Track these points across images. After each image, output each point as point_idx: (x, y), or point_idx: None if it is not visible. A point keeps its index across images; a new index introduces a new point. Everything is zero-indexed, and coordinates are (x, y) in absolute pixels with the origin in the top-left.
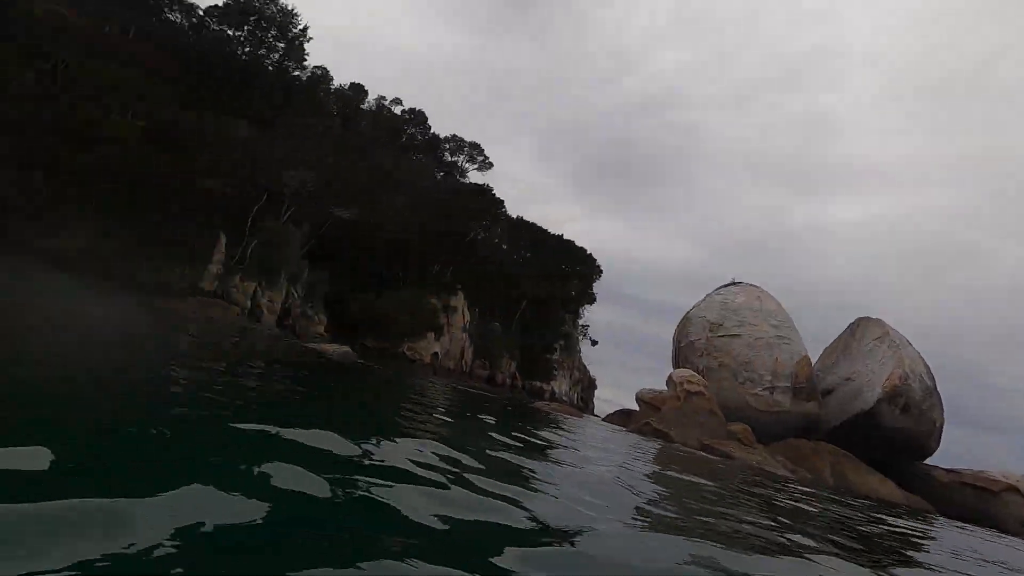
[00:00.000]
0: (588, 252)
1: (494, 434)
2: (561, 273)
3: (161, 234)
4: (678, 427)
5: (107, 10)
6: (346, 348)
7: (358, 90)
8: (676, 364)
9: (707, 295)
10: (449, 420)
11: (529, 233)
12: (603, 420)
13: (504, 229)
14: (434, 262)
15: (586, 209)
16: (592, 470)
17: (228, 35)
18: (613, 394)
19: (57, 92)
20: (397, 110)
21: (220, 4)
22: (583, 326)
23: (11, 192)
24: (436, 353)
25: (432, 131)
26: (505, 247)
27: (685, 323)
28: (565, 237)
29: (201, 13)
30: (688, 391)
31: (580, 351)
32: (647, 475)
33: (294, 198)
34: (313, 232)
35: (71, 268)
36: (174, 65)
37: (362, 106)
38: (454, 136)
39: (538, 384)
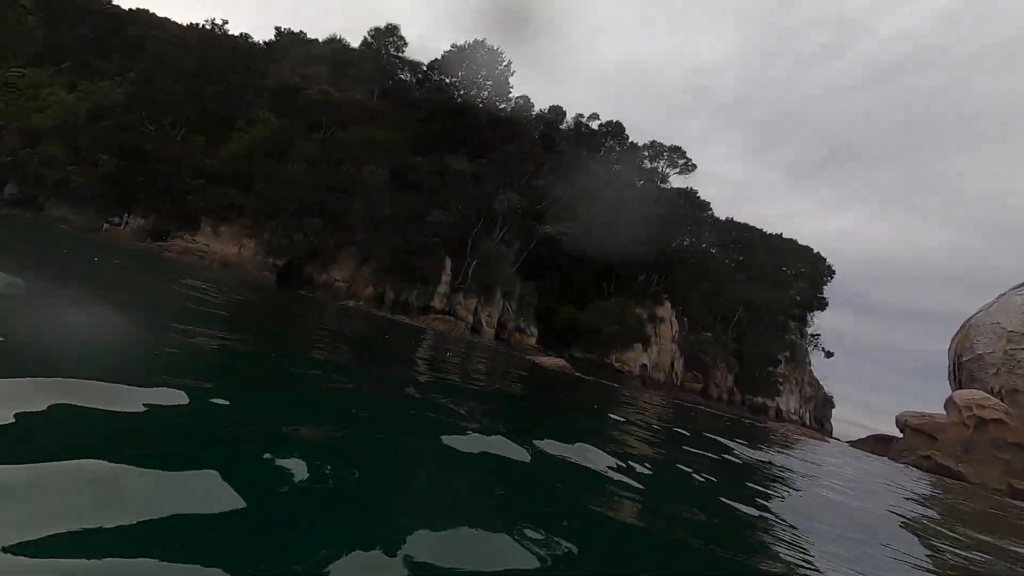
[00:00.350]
0: (815, 251)
1: (736, 455)
2: (781, 276)
3: (402, 262)
4: (970, 463)
5: (360, 79)
6: (561, 361)
7: (557, 112)
8: (956, 383)
9: (1000, 296)
10: (683, 434)
11: (741, 234)
12: (851, 446)
13: (712, 232)
14: (639, 272)
15: (811, 203)
16: (870, 508)
17: (445, 83)
18: (850, 414)
19: (326, 154)
20: (595, 125)
21: (440, 57)
22: (812, 335)
23: (298, 237)
24: (644, 364)
25: (630, 140)
26: (714, 251)
27: (968, 332)
28: (785, 236)
29: (424, 68)
30: (980, 417)
31: (810, 364)
32: (960, 537)
33: (505, 220)
34: (523, 249)
35: (340, 297)
36: (407, 116)
37: (561, 126)
38: (652, 142)
39: (760, 400)
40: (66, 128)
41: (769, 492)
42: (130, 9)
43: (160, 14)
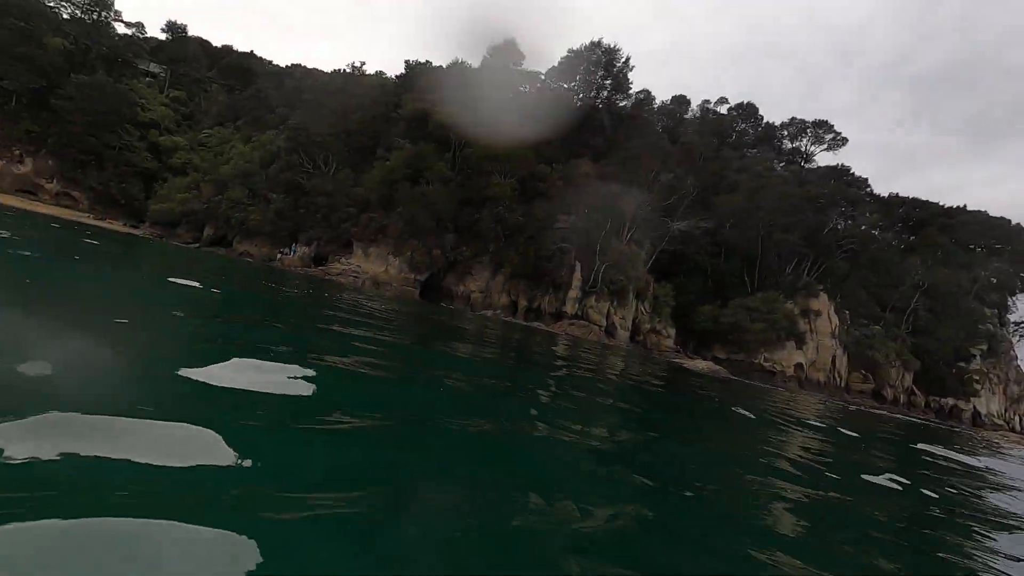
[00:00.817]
0: (1013, 223)
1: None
2: (969, 256)
3: (533, 270)
4: None
5: (482, 97)
6: (710, 363)
7: (680, 101)
8: None
9: None
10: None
11: (910, 211)
12: None
13: (872, 212)
14: (786, 263)
15: (1001, 167)
16: None
17: (564, 88)
18: None
19: (457, 172)
20: (723, 109)
21: (556, 64)
22: (1017, 323)
23: (437, 252)
24: (800, 364)
25: (765, 121)
26: (876, 233)
27: None
28: (969, 208)
29: (543, 77)
30: None
31: (1017, 358)
32: None
33: (633, 220)
34: (654, 248)
35: (477, 307)
36: (530, 128)
37: (686, 116)
38: (792, 120)
39: (950, 402)
40: (245, 175)
41: None
42: (287, 65)
43: (310, 65)
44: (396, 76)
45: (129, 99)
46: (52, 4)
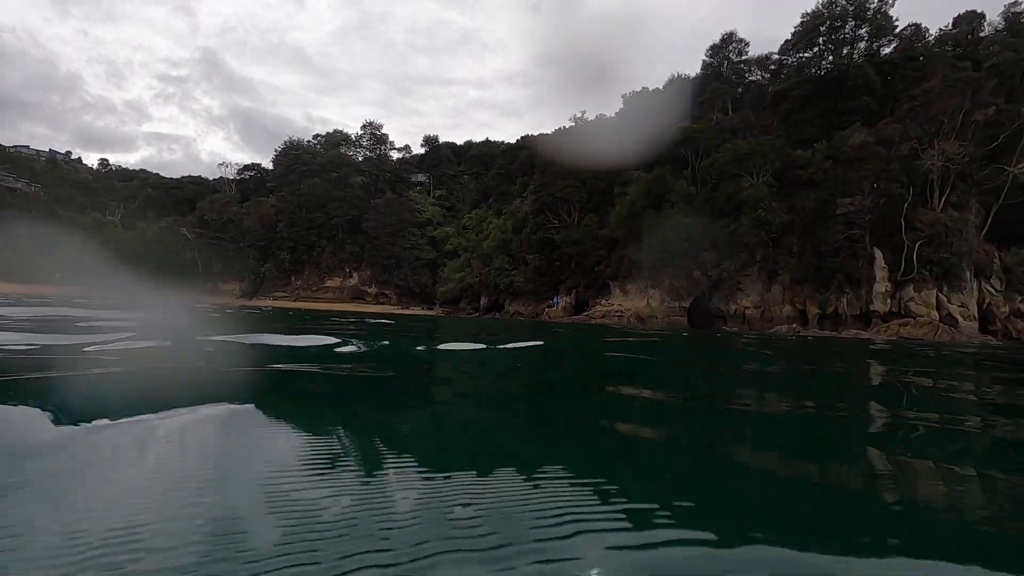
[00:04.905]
0: None
1: None
2: None
3: (817, 269)
4: None
5: (710, 101)
6: None
7: (968, 19)
8: None
9: None
10: None
11: None
12: None
13: None
14: None
15: None
16: None
17: (805, 58)
18: None
19: (699, 186)
20: None
21: (790, 37)
22: None
23: (697, 274)
24: None
25: None
26: None
27: None
28: None
29: (776, 56)
30: None
31: None
32: None
33: (944, 179)
34: (986, 209)
35: (755, 324)
36: (771, 115)
37: (981, 35)
38: None
39: None
40: (503, 244)
41: None
42: (517, 140)
43: (535, 133)
44: (615, 113)
45: (410, 207)
46: (351, 152)
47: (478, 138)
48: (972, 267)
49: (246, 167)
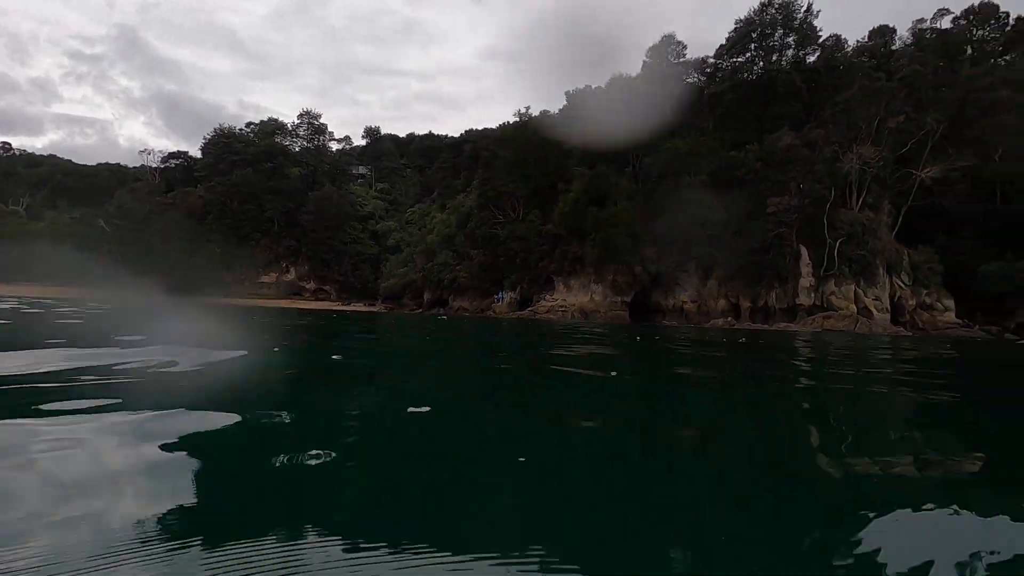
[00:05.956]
0: None
1: None
2: None
3: (749, 265)
4: None
5: (651, 102)
6: None
7: (881, 33)
8: None
9: None
10: None
11: None
12: None
13: None
14: None
15: None
16: None
17: (738, 63)
18: None
19: (641, 183)
20: (946, 23)
21: (725, 41)
22: None
23: (638, 269)
24: None
25: (1015, 15)
26: None
27: None
28: None
29: (711, 60)
30: None
31: None
32: None
33: (861, 181)
34: (897, 209)
35: (692, 317)
36: (707, 116)
37: (894, 48)
38: None
39: None
40: (447, 239)
41: None
42: (461, 134)
43: (480, 127)
44: (559, 110)
45: (351, 200)
46: (287, 143)
47: (421, 131)
48: (885, 264)
49: (171, 155)
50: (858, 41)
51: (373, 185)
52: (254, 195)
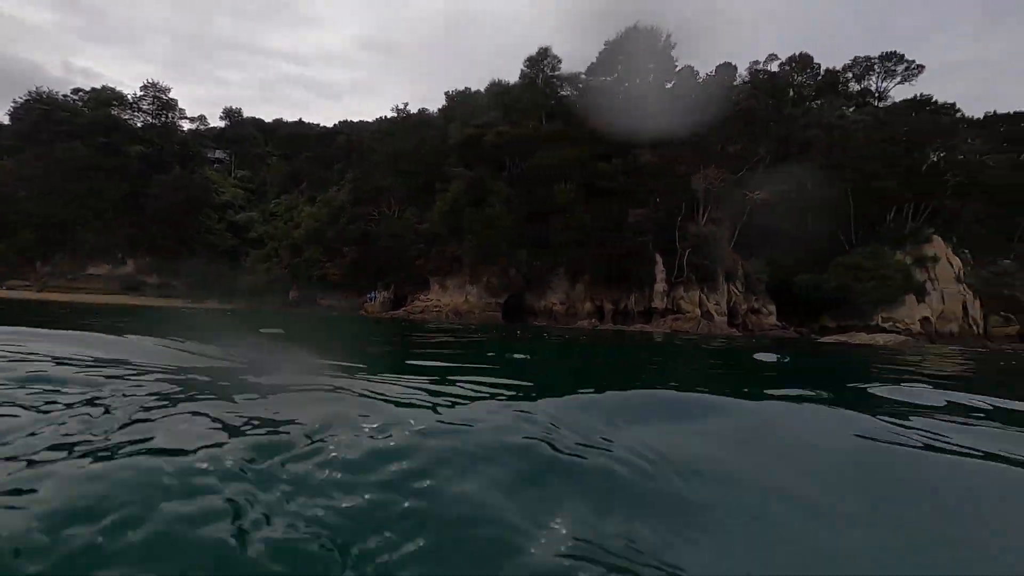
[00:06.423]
0: None
1: None
2: None
3: (612, 271)
4: None
5: (527, 110)
6: (899, 337)
7: (726, 69)
8: None
9: None
10: None
11: (1012, 127)
12: None
13: (972, 138)
14: (885, 212)
15: None
16: None
17: (607, 82)
18: None
19: (517, 189)
20: (774, 67)
21: (595, 60)
22: None
23: (512, 272)
24: (926, 318)
25: (823, 68)
26: (984, 158)
27: None
28: None
29: (583, 76)
30: None
31: None
32: None
33: (707, 198)
34: (735, 225)
35: (560, 319)
36: (579, 128)
37: (735, 83)
38: (855, 60)
39: None
40: (316, 234)
41: None
42: (335, 124)
43: (356, 119)
44: (439, 109)
45: (205, 187)
46: (127, 116)
47: (290, 117)
48: (724, 272)
49: None
50: (708, 74)
51: (232, 172)
52: (83, 173)
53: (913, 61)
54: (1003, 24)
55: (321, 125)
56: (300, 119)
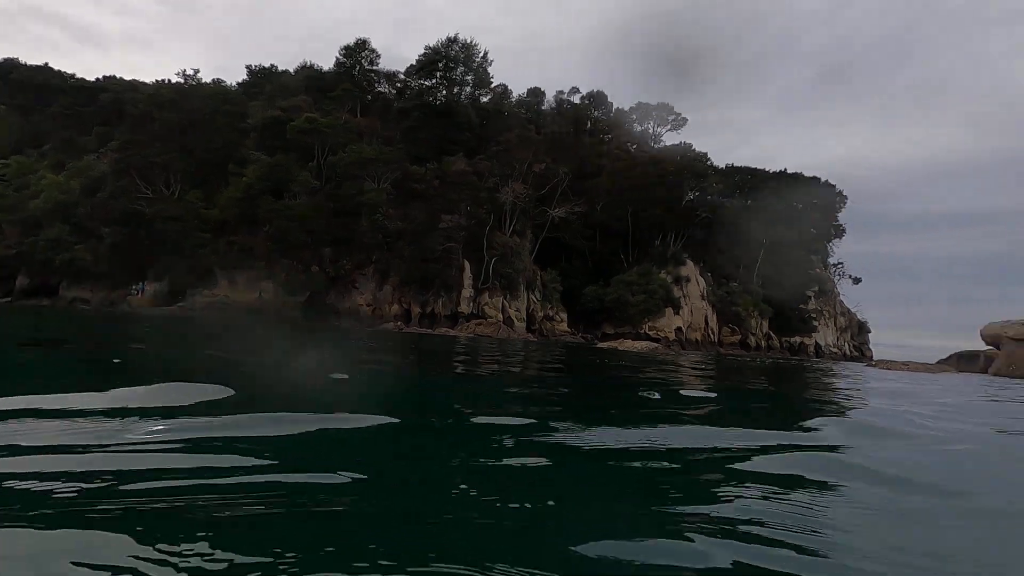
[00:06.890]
0: (823, 180)
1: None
2: (793, 212)
3: (421, 274)
4: None
5: (340, 100)
6: (653, 344)
7: (536, 94)
8: None
9: None
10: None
11: (744, 178)
12: (936, 366)
13: (717, 182)
14: (654, 236)
15: (812, 129)
16: None
17: (426, 86)
18: (896, 337)
19: (324, 181)
20: (576, 99)
21: (414, 63)
22: (835, 264)
23: (315, 269)
24: (679, 328)
25: (615, 107)
26: (724, 200)
27: None
28: (789, 171)
29: (402, 76)
30: None
31: (839, 293)
32: None
33: (513, 211)
34: (536, 238)
35: (367, 320)
36: (395, 128)
37: (542, 107)
38: (639, 104)
39: (798, 340)
40: (63, 208)
41: None
42: (97, 79)
43: (127, 77)
44: (238, 83)
45: None
46: None
47: (33, 60)
48: (525, 281)
49: None
50: (519, 95)
51: None
52: None
53: (680, 114)
54: (744, 98)
55: (77, 76)
56: (47, 63)
